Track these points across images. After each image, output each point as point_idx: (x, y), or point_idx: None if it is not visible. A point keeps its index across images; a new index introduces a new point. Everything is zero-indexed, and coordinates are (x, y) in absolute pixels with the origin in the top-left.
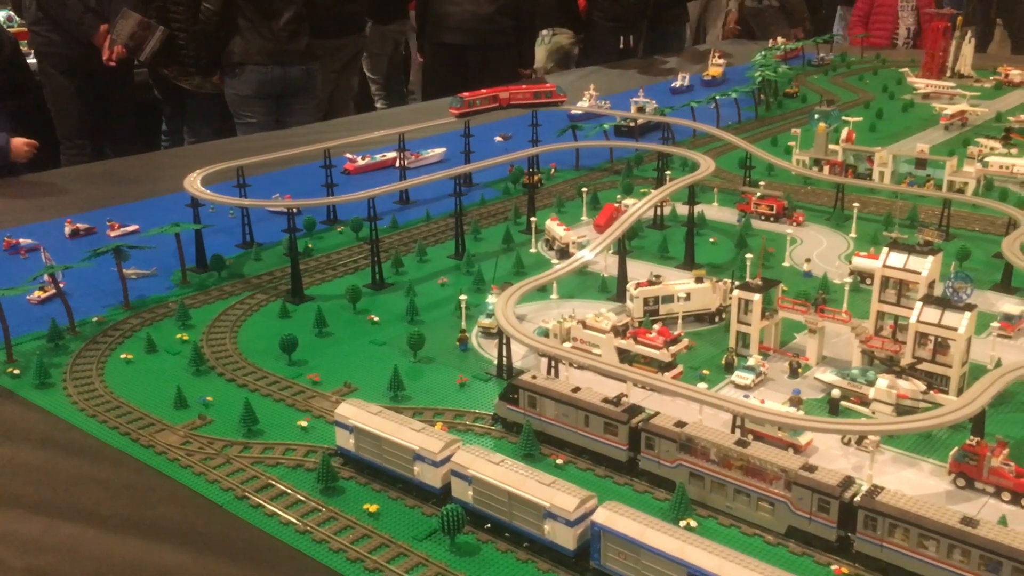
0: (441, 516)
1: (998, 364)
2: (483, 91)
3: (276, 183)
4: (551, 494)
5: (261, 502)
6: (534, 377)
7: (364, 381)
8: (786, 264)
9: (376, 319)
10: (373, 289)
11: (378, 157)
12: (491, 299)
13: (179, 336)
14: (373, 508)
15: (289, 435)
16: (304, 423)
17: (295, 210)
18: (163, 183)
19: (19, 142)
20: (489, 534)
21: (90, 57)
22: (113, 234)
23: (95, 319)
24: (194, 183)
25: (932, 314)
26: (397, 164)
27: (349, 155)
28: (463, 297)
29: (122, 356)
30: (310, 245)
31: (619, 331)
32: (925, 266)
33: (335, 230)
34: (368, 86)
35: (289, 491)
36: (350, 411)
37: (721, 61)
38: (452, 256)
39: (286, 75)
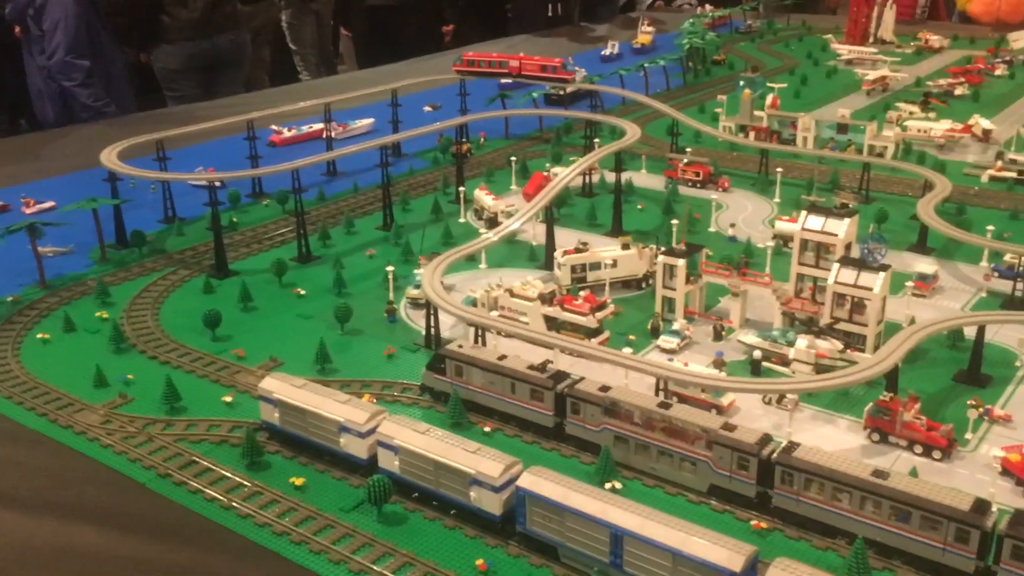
0: (367, 487)
1: (912, 322)
2: (492, 54)
3: (199, 156)
4: (476, 461)
5: (185, 479)
6: (460, 346)
7: (290, 355)
8: (712, 229)
9: (303, 292)
10: (300, 262)
11: (305, 129)
12: (419, 270)
13: (98, 314)
14: (299, 481)
15: (213, 411)
16: (229, 398)
17: (219, 183)
18: (79, 158)
19: None
20: (416, 503)
21: (4, 30)
22: (28, 211)
23: (10, 299)
24: (111, 157)
25: (848, 275)
26: (324, 135)
27: (275, 127)
28: (390, 268)
29: (39, 336)
30: (234, 219)
31: (546, 299)
32: (842, 228)
33: (260, 203)
34: (292, 57)
35: (213, 467)
36: (274, 385)
37: (650, 29)
38: (380, 227)
39: (215, 46)
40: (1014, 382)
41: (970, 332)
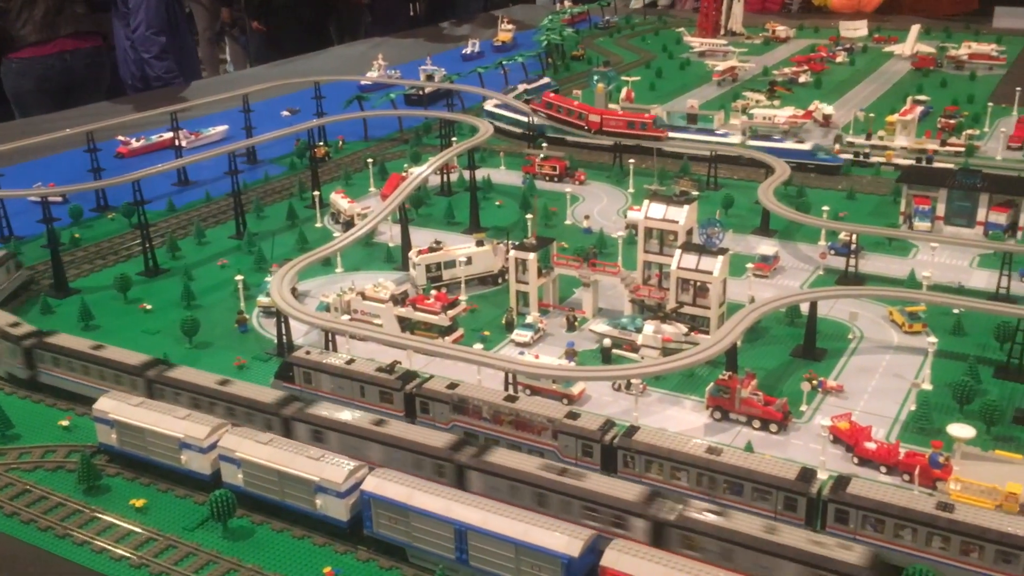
0: (210, 503)
1: (752, 302)
2: (573, 102)
3: (39, 171)
4: (320, 468)
5: (17, 510)
6: (308, 353)
7: None
8: (568, 222)
9: (149, 307)
10: (147, 276)
11: (154, 138)
12: (270, 278)
13: None
14: (140, 503)
15: (49, 436)
16: (66, 422)
17: (60, 198)
18: None
19: None
20: (264, 515)
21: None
22: None
23: None
24: None
25: (690, 260)
26: (176, 144)
27: (122, 138)
28: (239, 277)
29: None
30: (76, 235)
31: (398, 300)
32: (682, 215)
33: (106, 217)
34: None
35: (48, 495)
36: (109, 405)
37: (510, 26)
38: (233, 236)
39: (70, 66)
40: (846, 354)
41: (807, 309)
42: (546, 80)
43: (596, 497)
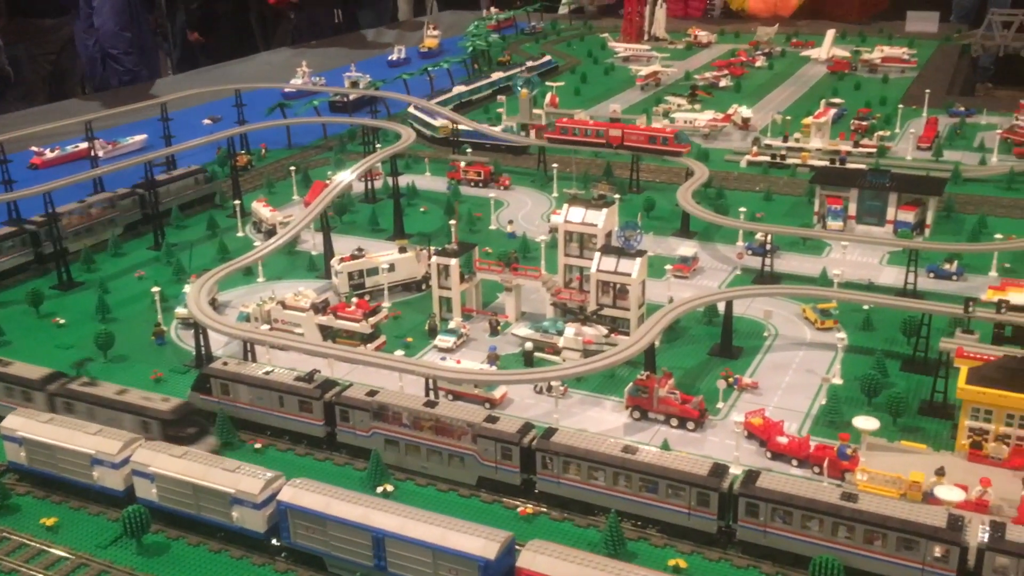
0: (122, 519)
1: (670, 302)
2: (588, 121)
3: None
4: (236, 480)
5: None
6: (225, 364)
7: None
8: (493, 227)
9: (62, 321)
10: (61, 290)
11: (70, 148)
12: (188, 288)
13: None
14: (51, 522)
15: None
16: None
17: None
18: None
19: None
20: (179, 529)
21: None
22: None
23: None
24: None
25: (609, 263)
26: (92, 153)
27: (35, 148)
28: (156, 289)
29: None
30: None
31: (319, 308)
32: (600, 219)
33: None
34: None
35: None
36: (17, 422)
37: (436, 33)
38: (151, 247)
39: None
40: (762, 351)
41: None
42: (547, 58)
43: (9, 379)
